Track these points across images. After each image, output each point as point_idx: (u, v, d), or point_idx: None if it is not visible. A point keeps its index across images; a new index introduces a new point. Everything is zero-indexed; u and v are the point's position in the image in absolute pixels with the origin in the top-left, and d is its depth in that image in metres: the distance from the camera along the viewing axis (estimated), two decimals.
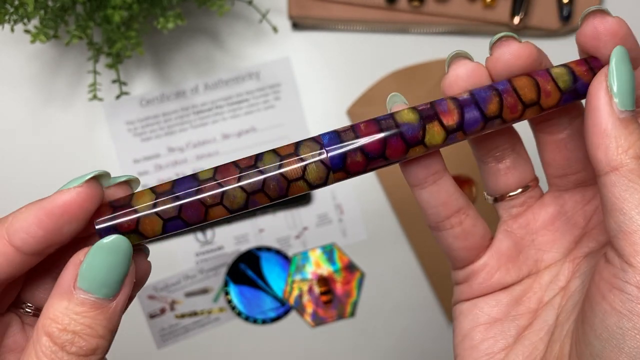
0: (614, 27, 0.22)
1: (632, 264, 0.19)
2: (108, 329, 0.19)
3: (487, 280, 0.25)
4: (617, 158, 0.19)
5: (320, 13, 0.53)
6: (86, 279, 0.19)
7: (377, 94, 0.54)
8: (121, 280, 0.19)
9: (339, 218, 0.55)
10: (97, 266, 0.19)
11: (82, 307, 0.19)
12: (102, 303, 0.19)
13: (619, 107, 0.20)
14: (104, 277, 0.19)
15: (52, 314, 0.19)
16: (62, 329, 0.18)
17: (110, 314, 0.19)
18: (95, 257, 0.19)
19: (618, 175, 0.19)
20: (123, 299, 0.20)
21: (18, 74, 0.54)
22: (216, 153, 0.54)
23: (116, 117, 0.54)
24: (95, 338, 0.19)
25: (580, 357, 0.20)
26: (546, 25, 0.54)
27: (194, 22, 0.54)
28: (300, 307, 0.55)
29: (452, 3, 0.53)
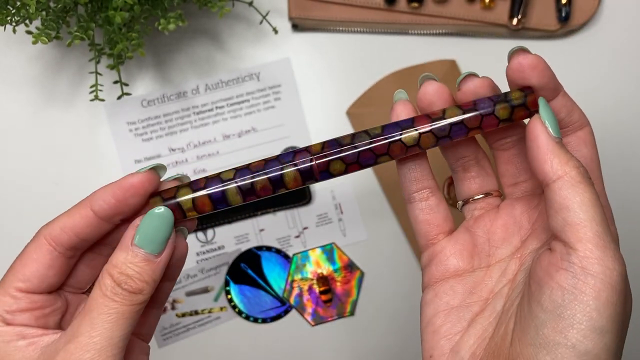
0: (534, 62, 0.27)
1: (576, 249, 0.23)
2: (152, 278, 0.26)
3: (444, 262, 0.30)
4: (561, 169, 0.25)
5: (320, 14, 0.54)
6: (140, 238, 0.26)
7: (377, 95, 0.54)
8: (165, 241, 0.26)
9: (339, 218, 0.55)
10: (148, 227, 0.26)
11: (135, 258, 0.26)
12: (150, 257, 0.26)
13: (553, 134, 0.26)
14: (153, 236, 0.26)
15: (114, 261, 0.26)
16: (120, 272, 0.26)
17: (155, 266, 0.26)
18: (148, 221, 0.26)
19: (563, 181, 0.24)
20: (167, 256, 0.27)
21: (20, 75, 0.54)
22: (217, 153, 0.55)
23: (117, 117, 0.54)
24: (142, 282, 0.26)
25: (523, 330, 0.24)
26: (544, 27, 0.54)
27: (194, 24, 0.55)
28: (300, 306, 0.55)
29: (451, 4, 0.53)
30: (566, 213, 0.24)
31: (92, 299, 0.26)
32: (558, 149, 0.25)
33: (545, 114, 0.26)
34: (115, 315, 0.25)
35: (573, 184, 0.24)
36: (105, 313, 0.25)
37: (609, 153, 0.56)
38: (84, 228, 0.27)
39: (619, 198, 0.56)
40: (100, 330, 0.25)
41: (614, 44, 0.56)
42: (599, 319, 0.23)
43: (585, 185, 0.24)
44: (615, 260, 0.23)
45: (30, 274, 0.27)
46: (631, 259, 0.56)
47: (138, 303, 0.26)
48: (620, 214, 0.56)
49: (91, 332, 0.25)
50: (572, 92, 0.58)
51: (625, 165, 0.56)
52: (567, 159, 0.25)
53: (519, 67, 0.27)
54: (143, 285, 0.26)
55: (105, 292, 0.25)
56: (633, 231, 0.56)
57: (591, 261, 0.23)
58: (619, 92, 0.56)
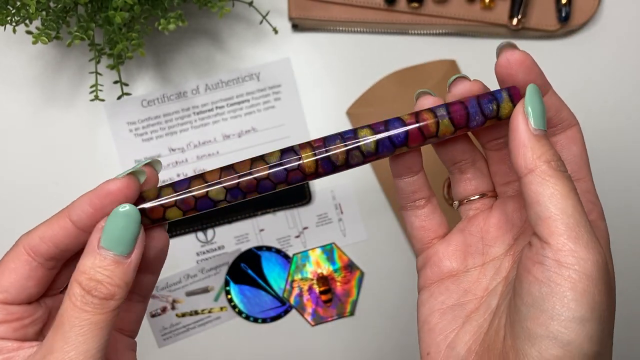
0: (521, 58, 0.27)
1: (549, 243, 0.24)
2: (124, 281, 0.25)
3: (439, 264, 0.30)
4: (532, 162, 0.25)
5: (320, 14, 0.54)
6: (106, 239, 0.25)
7: (377, 95, 0.54)
8: (133, 239, 0.25)
9: (339, 218, 0.55)
10: (113, 227, 0.25)
11: (104, 262, 0.24)
12: (119, 259, 0.25)
13: (533, 126, 0.25)
14: (119, 236, 0.25)
15: (82, 267, 0.24)
16: (89, 278, 0.24)
17: (126, 268, 0.25)
18: (112, 221, 0.25)
19: (534, 175, 0.24)
20: (136, 257, 0.25)
21: (20, 75, 0.54)
22: (217, 153, 0.55)
23: (117, 117, 0.54)
24: (114, 286, 0.24)
25: (512, 325, 0.25)
26: (544, 27, 0.54)
27: (194, 24, 0.55)
28: (300, 306, 0.55)
29: (451, 4, 0.53)
30: (537, 207, 0.24)
31: (62, 310, 0.24)
32: (533, 141, 0.25)
33: (530, 102, 0.26)
34: (88, 326, 0.24)
35: (543, 178, 0.24)
36: (78, 325, 0.24)
37: (608, 152, 0.56)
38: (63, 239, 0.26)
39: (618, 196, 0.56)
40: (74, 344, 0.23)
41: (614, 44, 0.56)
42: (578, 309, 0.23)
43: (557, 178, 0.24)
44: (589, 249, 0.23)
45: (8, 285, 0.26)
46: (631, 256, 0.56)
47: (111, 310, 0.24)
48: (620, 212, 0.56)
49: (65, 346, 0.23)
50: (572, 91, 0.59)
51: (625, 164, 0.56)
52: (540, 152, 0.25)
53: (506, 64, 0.27)
54: (115, 290, 0.24)
55: (75, 302, 0.24)
56: (633, 230, 0.57)
57: (564, 253, 0.23)
58: (618, 91, 0.56)
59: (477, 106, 0.27)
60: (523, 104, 0.26)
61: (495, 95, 0.28)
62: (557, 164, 0.25)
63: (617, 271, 0.30)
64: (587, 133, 0.58)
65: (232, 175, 0.27)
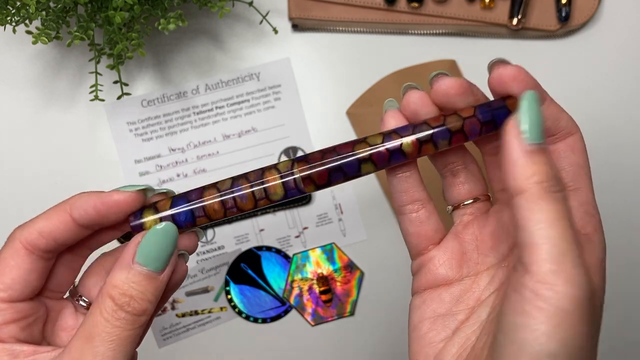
0: (514, 72, 0.26)
1: (530, 271, 0.22)
2: (155, 296, 0.25)
3: (433, 271, 0.30)
4: (522, 184, 0.23)
5: (320, 14, 0.54)
6: (142, 255, 0.25)
7: (377, 95, 0.54)
8: (168, 257, 0.25)
9: (339, 218, 0.55)
10: (151, 245, 0.25)
11: (137, 277, 0.24)
12: (153, 275, 0.25)
13: (527, 141, 0.23)
14: (156, 254, 0.25)
15: (115, 281, 0.24)
16: (122, 293, 0.24)
17: (158, 284, 0.25)
18: (151, 238, 0.25)
19: (523, 199, 0.23)
20: (168, 274, 0.25)
21: (20, 75, 0.54)
22: (217, 153, 0.55)
23: (117, 117, 0.54)
24: (146, 302, 0.25)
25: (491, 347, 0.24)
26: (544, 27, 0.54)
27: (194, 24, 0.55)
28: (300, 306, 0.55)
29: (451, 4, 0.53)
30: (522, 233, 0.23)
31: (92, 323, 0.24)
32: (525, 160, 0.23)
33: (525, 113, 0.24)
34: (118, 341, 0.24)
35: (532, 201, 0.23)
36: (108, 340, 0.24)
37: (608, 152, 0.56)
38: (62, 233, 0.26)
39: (618, 195, 0.56)
40: (103, 358, 0.24)
41: (614, 44, 0.56)
42: (548, 343, 0.22)
43: (546, 201, 0.23)
44: (570, 284, 0.22)
45: (11, 282, 0.26)
46: (632, 257, 0.56)
47: (141, 325, 0.25)
48: (620, 212, 0.56)
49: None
50: (572, 91, 0.59)
51: (625, 164, 0.56)
52: (532, 171, 0.23)
53: (499, 79, 0.26)
54: (147, 306, 0.25)
55: (107, 317, 0.24)
56: (633, 229, 0.57)
57: (542, 285, 0.22)
58: (618, 91, 0.56)
59: (477, 123, 0.27)
60: (515, 119, 0.24)
61: (493, 107, 0.27)
62: (549, 184, 0.23)
63: (620, 272, 0.30)
64: (587, 133, 0.58)
65: (244, 183, 0.27)
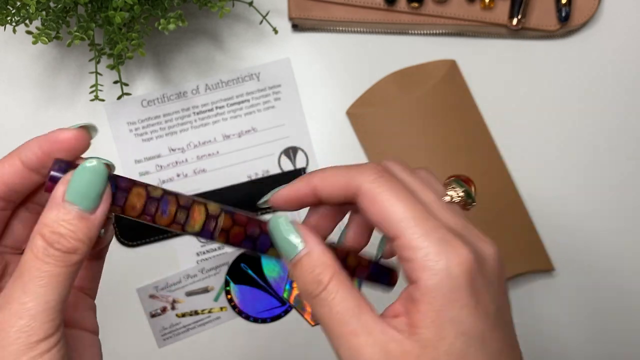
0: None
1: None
2: (87, 236, 0.24)
3: None
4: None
5: (320, 14, 0.54)
6: (72, 193, 0.24)
7: (377, 95, 0.54)
8: (99, 195, 0.24)
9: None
10: (81, 183, 0.24)
11: (67, 215, 0.24)
12: (84, 214, 0.24)
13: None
14: (85, 191, 0.24)
15: (45, 219, 0.24)
16: (52, 231, 0.24)
17: (90, 224, 0.24)
18: (80, 176, 0.24)
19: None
20: (100, 214, 0.25)
21: (20, 75, 0.54)
22: (217, 153, 0.55)
23: (117, 117, 0.54)
24: (76, 241, 0.24)
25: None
26: (544, 27, 0.54)
27: (194, 24, 0.55)
28: (300, 306, 0.55)
29: (451, 4, 0.53)
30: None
31: (23, 261, 0.24)
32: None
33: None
34: (48, 278, 0.23)
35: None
36: (38, 277, 0.23)
37: (608, 152, 0.56)
38: (12, 177, 0.26)
39: (618, 195, 0.56)
40: (33, 295, 0.23)
41: (614, 44, 0.56)
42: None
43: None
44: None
45: None
46: (632, 258, 0.56)
47: (73, 263, 0.24)
48: (620, 211, 0.56)
49: (23, 297, 0.23)
50: (571, 91, 0.59)
51: (625, 164, 0.56)
52: None
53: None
54: (77, 245, 0.24)
55: (37, 253, 0.24)
56: (633, 227, 0.57)
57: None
58: (618, 92, 0.56)
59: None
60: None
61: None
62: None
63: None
64: (587, 132, 0.58)
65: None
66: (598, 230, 0.56)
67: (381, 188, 0.26)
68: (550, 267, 0.55)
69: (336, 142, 0.55)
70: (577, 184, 0.56)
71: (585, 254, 0.56)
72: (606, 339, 0.57)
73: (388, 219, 0.25)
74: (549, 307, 0.56)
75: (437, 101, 0.54)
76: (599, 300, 0.56)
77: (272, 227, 0.27)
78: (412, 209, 0.25)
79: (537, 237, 0.55)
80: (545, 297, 0.56)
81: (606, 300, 0.56)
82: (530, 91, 0.56)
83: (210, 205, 0.28)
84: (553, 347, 0.56)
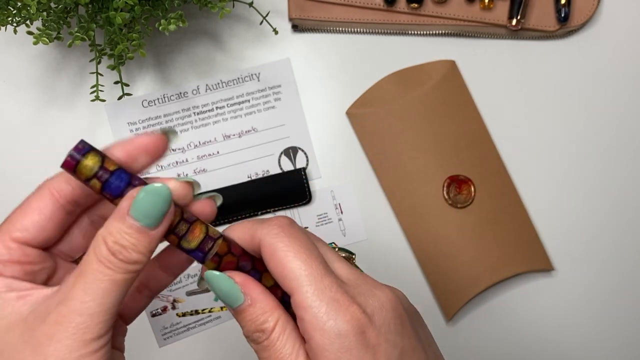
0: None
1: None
2: (147, 249, 0.26)
3: None
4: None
5: (320, 15, 0.54)
6: (135, 210, 0.25)
7: (376, 95, 0.55)
8: (161, 216, 0.26)
9: (339, 218, 0.55)
10: (144, 202, 0.25)
11: (130, 229, 0.25)
12: (145, 230, 0.25)
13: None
14: (148, 211, 0.25)
15: (110, 228, 0.25)
16: (114, 241, 0.25)
17: (150, 239, 0.26)
18: (143, 196, 0.25)
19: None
20: (161, 231, 0.26)
21: (21, 75, 0.54)
22: (217, 153, 0.55)
23: (118, 117, 0.54)
24: (137, 253, 0.25)
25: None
26: (544, 27, 0.54)
27: (195, 24, 0.55)
28: None
29: (451, 5, 0.54)
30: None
31: (86, 262, 0.25)
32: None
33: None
34: (109, 282, 0.25)
35: None
36: (99, 279, 0.25)
37: (607, 152, 0.56)
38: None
39: (618, 195, 0.56)
40: (93, 295, 0.24)
41: (613, 45, 0.56)
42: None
43: None
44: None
45: (30, 224, 0.27)
46: (633, 258, 0.56)
47: (132, 271, 0.25)
48: (619, 211, 0.56)
49: (84, 296, 0.24)
50: (571, 92, 0.59)
51: (624, 163, 0.56)
52: None
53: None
54: (137, 257, 0.25)
55: (101, 258, 0.25)
56: (633, 224, 0.57)
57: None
58: (617, 92, 0.56)
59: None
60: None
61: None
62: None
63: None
64: (587, 133, 0.58)
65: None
66: (598, 230, 0.56)
67: (282, 242, 0.26)
68: (550, 267, 0.55)
69: (336, 142, 0.55)
70: (577, 183, 0.56)
71: (584, 254, 0.56)
72: (606, 338, 0.57)
73: (285, 275, 0.26)
74: (548, 307, 0.56)
75: (437, 101, 0.54)
76: (599, 300, 0.57)
77: (209, 280, 0.27)
78: (310, 265, 0.26)
79: (537, 237, 0.55)
80: (545, 297, 0.56)
81: (605, 300, 0.57)
82: (530, 91, 0.56)
83: (211, 228, 0.28)
84: (552, 346, 0.57)
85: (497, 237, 0.54)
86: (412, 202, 0.54)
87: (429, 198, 0.54)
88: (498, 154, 0.55)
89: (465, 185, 0.54)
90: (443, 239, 0.54)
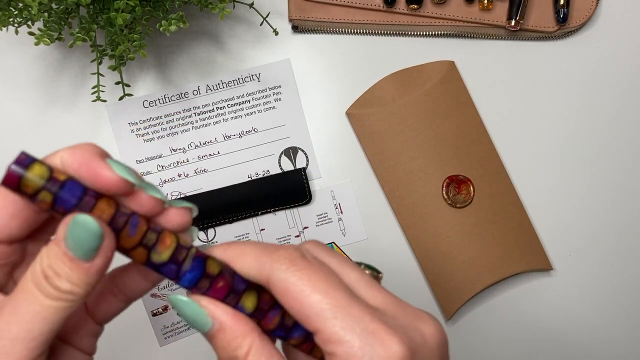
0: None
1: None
2: (84, 282, 0.23)
3: None
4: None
5: (320, 16, 0.54)
6: (68, 240, 0.22)
7: (376, 95, 0.55)
8: (92, 250, 0.22)
9: (339, 218, 0.56)
10: (73, 233, 0.22)
11: (64, 257, 0.22)
12: (79, 262, 0.22)
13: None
14: (78, 243, 0.22)
15: (48, 252, 0.23)
16: (49, 265, 0.22)
17: (85, 271, 0.23)
18: (73, 227, 0.22)
19: None
20: (98, 264, 0.23)
21: (22, 76, 0.54)
22: (217, 154, 0.55)
23: (119, 118, 0.55)
24: (70, 284, 0.22)
25: None
26: (543, 28, 0.54)
27: (195, 25, 0.55)
28: None
29: (450, 5, 0.54)
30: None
31: (24, 278, 0.23)
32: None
33: None
34: (40, 307, 0.22)
35: None
36: (29, 301, 0.22)
37: (606, 152, 0.56)
38: None
39: (618, 194, 0.57)
40: (19, 318, 0.22)
41: (612, 45, 0.56)
42: None
43: None
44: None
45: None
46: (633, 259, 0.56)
47: (66, 300, 0.22)
48: (619, 211, 0.56)
49: (10, 317, 0.22)
50: (570, 92, 0.59)
51: (624, 163, 0.56)
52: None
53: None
54: (71, 288, 0.22)
55: (33, 279, 0.22)
56: (633, 224, 0.57)
57: None
58: (616, 92, 0.56)
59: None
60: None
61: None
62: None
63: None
64: (586, 133, 0.58)
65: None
66: (597, 230, 0.57)
67: (295, 277, 0.23)
68: (549, 267, 0.56)
69: (336, 142, 0.56)
70: (576, 183, 0.56)
71: (584, 254, 0.57)
72: (604, 337, 0.57)
73: (305, 313, 0.23)
74: (547, 306, 0.57)
75: (436, 102, 0.54)
76: (597, 299, 0.57)
77: (173, 305, 0.25)
78: (332, 296, 0.23)
79: (536, 237, 0.56)
80: (544, 297, 0.57)
81: (605, 300, 0.57)
82: (529, 92, 0.56)
83: (182, 236, 0.25)
84: (551, 345, 0.57)
85: (496, 237, 0.54)
86: (412, 201, 0.54)
87: (429, 198, 0.54)
88: (497, 154, 0.56)
89: (465, 185, 0.54)
90: (442, 239, 0.54)
